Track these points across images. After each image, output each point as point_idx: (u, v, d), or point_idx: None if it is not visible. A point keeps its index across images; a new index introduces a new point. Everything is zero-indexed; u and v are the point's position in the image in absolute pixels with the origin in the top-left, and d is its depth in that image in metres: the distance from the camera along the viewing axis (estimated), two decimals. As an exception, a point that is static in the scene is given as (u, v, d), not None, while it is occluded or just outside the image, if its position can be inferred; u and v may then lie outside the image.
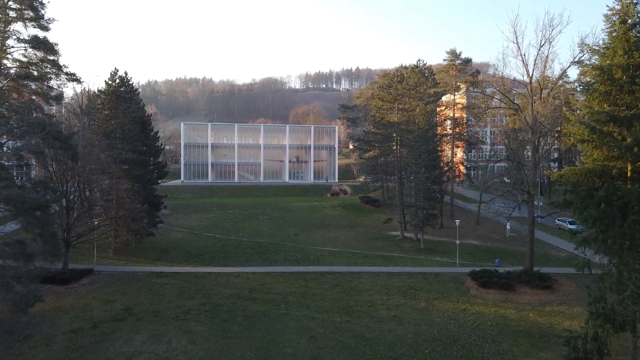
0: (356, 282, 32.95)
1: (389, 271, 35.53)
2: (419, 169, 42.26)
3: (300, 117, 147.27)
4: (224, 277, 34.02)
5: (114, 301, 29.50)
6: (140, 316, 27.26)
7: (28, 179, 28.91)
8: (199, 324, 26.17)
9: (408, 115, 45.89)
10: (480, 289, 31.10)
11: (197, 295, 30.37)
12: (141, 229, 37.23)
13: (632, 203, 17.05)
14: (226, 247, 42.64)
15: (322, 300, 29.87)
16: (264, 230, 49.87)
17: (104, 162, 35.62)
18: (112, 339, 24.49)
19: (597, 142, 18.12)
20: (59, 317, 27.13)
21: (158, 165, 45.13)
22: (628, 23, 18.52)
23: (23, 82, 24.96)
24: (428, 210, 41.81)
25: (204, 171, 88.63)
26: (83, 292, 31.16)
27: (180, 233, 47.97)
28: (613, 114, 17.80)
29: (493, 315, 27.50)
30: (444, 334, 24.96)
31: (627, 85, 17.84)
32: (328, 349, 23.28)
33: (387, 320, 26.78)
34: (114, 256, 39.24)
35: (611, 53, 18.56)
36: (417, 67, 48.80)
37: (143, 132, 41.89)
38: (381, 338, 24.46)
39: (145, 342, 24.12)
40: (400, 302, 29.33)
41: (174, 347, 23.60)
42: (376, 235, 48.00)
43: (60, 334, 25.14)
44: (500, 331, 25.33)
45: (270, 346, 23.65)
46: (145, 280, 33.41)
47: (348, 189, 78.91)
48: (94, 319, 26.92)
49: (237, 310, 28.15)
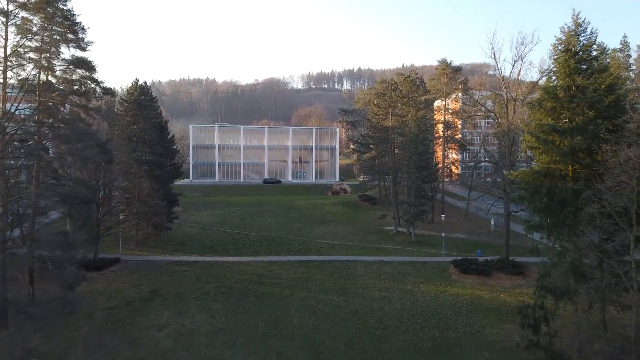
0: (352, 269, 37.35)
1: (382, 260, 39.89)
2: (410, 169, 46.56)
3: (303, 119, 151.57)
4: (235, 265, 38.45)
5: (141, 285, 33.96)
6: (166, 297, 31.71)
7: (66, 179, 33.06)
8: (217, 303, 30.60)
9: (401, 120, 50.16)
10: (460, 275, 35.45)
11: (213, 280, 34.80)
12: (161, 223, 41.62)
13: (569, 198, 21.36)
14: (236, 240, 47.05)
15: (322, 284, 34.26)
16: (269, 225, 54.25)
17: (128, 164, 40.04)
18: (144, 314, 28.92)
19: (543, 148, 22.43)
20: (96, 298, 31.57)
21: (174, 165, 49.55)
22: (570, 51, 22.79)
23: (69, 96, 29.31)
24: (419, 206, 46.10)
25: (211, 171, 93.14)
26: (113, 278, 35.64)
27: (193, 228, 52.40)
28: (555, 126, 22.11)
29: (469, 295, 31.85)
30: (425, 310, 29.33)
31: (567, 103, 22.14)
32: (326, 322, 27.66)
33: (377, 299, 31.16)
34: (136, 248, 43.70)
35: (555, 76, 22.85)
36: (409, 77, 53.11)
37: (161, 136, 46.31)
38: (372, 313, 28.84)
39: (172, 316, 28.55)
40: (389, 286, 33.71)
41: (197, 320, 28.02)
42: (372, 230, 52.33)
43: (99, 310, 29.59)
44: (474, 308, 29.68)
45: (278, 319, 28.04)
46: (166, 267, 37.88)
47: (348, 188, 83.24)
48: (126, 298, 31.39)
49: (249, 292, 32.57)
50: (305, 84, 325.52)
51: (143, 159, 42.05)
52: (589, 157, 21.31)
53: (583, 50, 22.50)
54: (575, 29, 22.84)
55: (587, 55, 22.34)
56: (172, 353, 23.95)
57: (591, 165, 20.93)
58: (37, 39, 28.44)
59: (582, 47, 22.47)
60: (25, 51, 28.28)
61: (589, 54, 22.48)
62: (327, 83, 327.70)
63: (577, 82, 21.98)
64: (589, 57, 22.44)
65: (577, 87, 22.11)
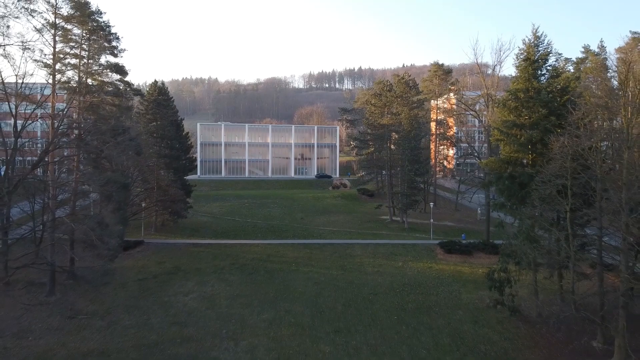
0: (350, 250, 42.07)
1: (377, 243, 44.59)
2: (404, 163, 51.23)
3: (305, 118, 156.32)
4: (246, 247, 43.19)
5: (164, 262, 38.71)
6: (187, 271, 36.45)
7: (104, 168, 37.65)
8: (232, 275, 35.34)
9: (396, 118, 54.77)
10: (445, 254, 40.14)
11: (228, 259, 39.53)
12: (179, 211, 46.37)
13: (526, 180, 26.04)
14: (245, 227, 51.79)
15: (323, 262, 39.00)
16: (274, 215, 58.99)
17: (149, 157, 44.79)
18: (170, 285, 33.65)
19: (507, 140, 27.11)
20: (126, 272, 36.32)
21: (188, 159, 54.30)
22: (529, 60, 27.45)
23: (106, 97, 34.02)
24: (411, 196, 50.76)
25: (217, 167, 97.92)
26: (139, 257, 40.39)
27: (204, 217, 57.17)
28: (516, 122, 26.79)
29: (452, 270, 36.55)
30: (412, 281, 34.04)
31: (526, 103, 26.81)
32: (327, 290, 32.35)
33: (371, 273, 35.88)
34: (156, 233, 48.44)
35: (518, 80, 27.53)
36: (403, 79, 57.78)
37: (177, 132, 51.05)
38: (366, 283, 33.55)
39: (194, 286, 33.29)
40: (382, 263, 38.43)
41: (217, 288, 32.75)
42: (369, 219, 57.04)
43: (130, 281, 34.34)
44: (454, 280, 34.38)
45: (285, 288, 32.75)
46: (185, 249, 42.63)
47: (348, 182, 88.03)
48: (152, 272, 36.15)
49: (259, 267, 37.31)
50: (307, 83, 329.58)
51: (162, 153, 46.76)
52: (542, 147, 25.97)
53: (540, 59, 27.16)
54: (534, 41, 27.50)
55: (543, 63, 27.00)
56: (198, 311, 28.67)
57: (544, 153, 25.59)
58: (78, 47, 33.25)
59: (539, 56, 27.13)
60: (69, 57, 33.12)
61: (545, 62, 27.14)
62: (328, 82, 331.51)
63: (534, 86, 26.64)
64: (544, 65, 27.09)
65: (534, 89, 26.77)
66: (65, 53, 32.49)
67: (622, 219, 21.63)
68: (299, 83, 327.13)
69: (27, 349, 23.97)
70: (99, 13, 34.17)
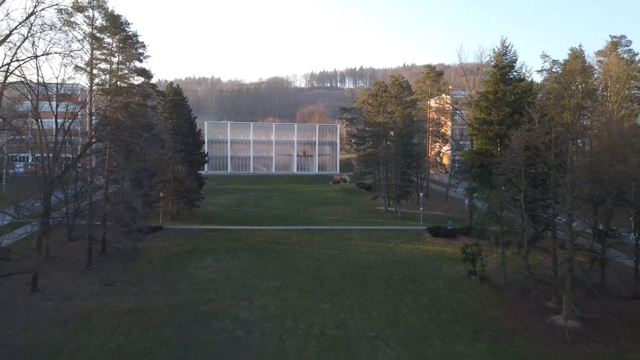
0: (347, 235, 47.07)
1: (372, 229, 49.59)
2: (397, 157, 56.19)
3: (306, 116, 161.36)
4: (255, 232, 48.21)
5: (183, 244, 43.72)
6: (204, 251, 41.45)
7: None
8: (243, 254, 40.35)
9: (391, 117, 59.67)
10: (432, 238, 45.09)
11: (239, 241, 44.53)
12: (194, 200, 51.40)
13: (493, 168, 30.97)
14: (252, 216, 56.81)
15: (323, 244, 44.00)
16: (279, 206, 64.02)
17: (167, 151, 49.82)
18: (190, 261, 38.62)
19: (478, 135, 32.05)
20: (150, 252, 41.27)
21: (200, 154, 59.30)
22: (497, 67, 32.37)
23: (134, 98, 39.06)
24: (404, 188, 55.72)
25: (224, 164, 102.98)
26: (159, 240, 45.40)
27: (215, 208, 62.21)
28: (486, 119, 31.72)
29: (436, 251, 41.51)
30: (401, 258, 39.02)
31: (494, 103, 31.76)
32: (326, 265, 37.34)
33: (365, 253, 40.89)
34: (171, 220, 53.42)
35: (488, 83, 32.45)
36: (397, 80, 62.76)
37: (190, 129, 56.06)
38: (360, 260, 38.55)
39: (211, 262, 38.29)
40: (376, 244, 43.43)
41: (231, 264, 37.76)
42: (366, 209, 62.04)
43: (155, 259, 39.35)
44: (437, 258, 39.35)
45: (290, 264, 37.74)
46: (200, 233, 47.65)
47: (347, 178, 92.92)
48: (174, 252, 41.16)
49: (267, 248, 42.32)
50: (309, 82, 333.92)
51: (178, 148, 51.79)
52: (508, 140, 30.84)
53: (507, 66, 32.09)
54: (502, 51, 32.46)
55: (509, 70, 31.94)
56: (216, 281, 33.69)
57: (509, 145, 30.50)
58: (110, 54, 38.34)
59: (506, 63, 32.07)
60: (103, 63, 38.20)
61: (511, 69, 32.07)
62: (329, 82, 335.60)
63: (501, 88, 31.59)
64: (510, 71, 32.02)
65: (502, 91, 31.72)
66: (100, 59, 37.57)
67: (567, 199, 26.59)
68: (301, 82, 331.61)
69: (75, 308, 28.91)
70: (127, 24, 39.25)
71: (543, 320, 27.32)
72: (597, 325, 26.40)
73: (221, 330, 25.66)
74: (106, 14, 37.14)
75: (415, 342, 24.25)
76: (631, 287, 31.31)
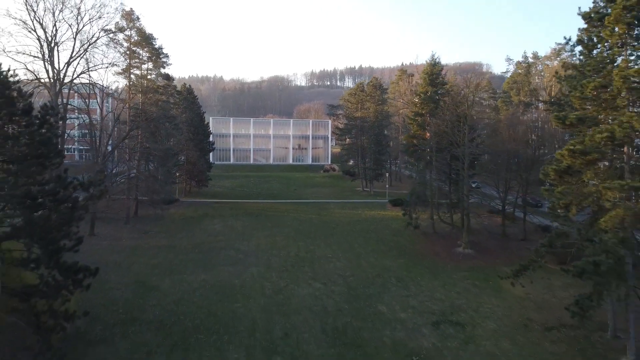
0: (326, 206, 59.20)
1: (347, 202, 61.71)
2: (371, 145, 68.18)
3: (303, 113, 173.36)
4: (252, 204, 60.36)
5: (197, 210, 55.84)
6: (213, 215, 53.56)
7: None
8: (243, 217, 52.47)
9: (367, 113, 71.61)
10: (392, 207, 57.11)
11: (240, 209, 56.64)
12: (203, 180, 63.58)
13: (424, 147, 42.93)
14: (251, 194, 68.95)
15: (306, 211, 56.10)
16: (274, 188, 76.16)
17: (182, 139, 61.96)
18: (203, 221, 50.66)
19: (414, 123, 43.96)
20: (171, 216, 53.43)
21: (209, 143, 71.51)
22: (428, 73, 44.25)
23: (160, 96, 51.17)
24: (376, 170, 67.74)
25: (227, 155, 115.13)
26: (177, 209, 57.50)
27: (220, 189, 74.36)
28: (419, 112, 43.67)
29: (393, 215, 53.49)
30: (364, 219, 51.13)
31: (425, 100, 43.63)
32: (305, 223, 49.44)
33: (339, 216, 53.02)
34: (185, 196, 65.62)
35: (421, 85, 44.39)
36: (371, 83, 74.83)
37: (200, 121, 68.20)
38: (332, 221, 50.63)
39: (219, 221, 50.41)
40: (347, 212, 55.54)
41: (234, 223, 49.86)
42: (347, 190, 74.14)
43: (176, 220, 51.46)
44: (392, 219, 51.36)
45: (278, 222, 49.82)
46: (209, 205, 59.83)
47: (337, 167, 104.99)
48: (190, 216, 53.27)
49: (261, 214, 54.43)
50: (309, 81, 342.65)
51: (191, 137, 63.93)
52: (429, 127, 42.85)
53: (434, 73, 44.07)
54: (432, 61, 44.44)
55: (436, 76, 43.89)
56: (223, 232, 45.82)
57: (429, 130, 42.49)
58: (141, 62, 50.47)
59: (433, 70, 44.07)
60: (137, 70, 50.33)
61: (437, 75, 44.02)
62: (329, 80, 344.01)
63: (430, 89, 43.58)
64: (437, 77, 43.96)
65: (430, 91, 43.67)
66: (134, 66, 49.72)
67: (464, 166, 38.58)
68: (301, 81, 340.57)
69: (125, 245, 40.97)
70: (154, 38, 51.34)
71: (450, 250, 39.43)
72: (485, 253, 38.51)
73: (227, 255, 37.81)
74: (139, 33, 49.20)
75: (356, 259, 36.45)
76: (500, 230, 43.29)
